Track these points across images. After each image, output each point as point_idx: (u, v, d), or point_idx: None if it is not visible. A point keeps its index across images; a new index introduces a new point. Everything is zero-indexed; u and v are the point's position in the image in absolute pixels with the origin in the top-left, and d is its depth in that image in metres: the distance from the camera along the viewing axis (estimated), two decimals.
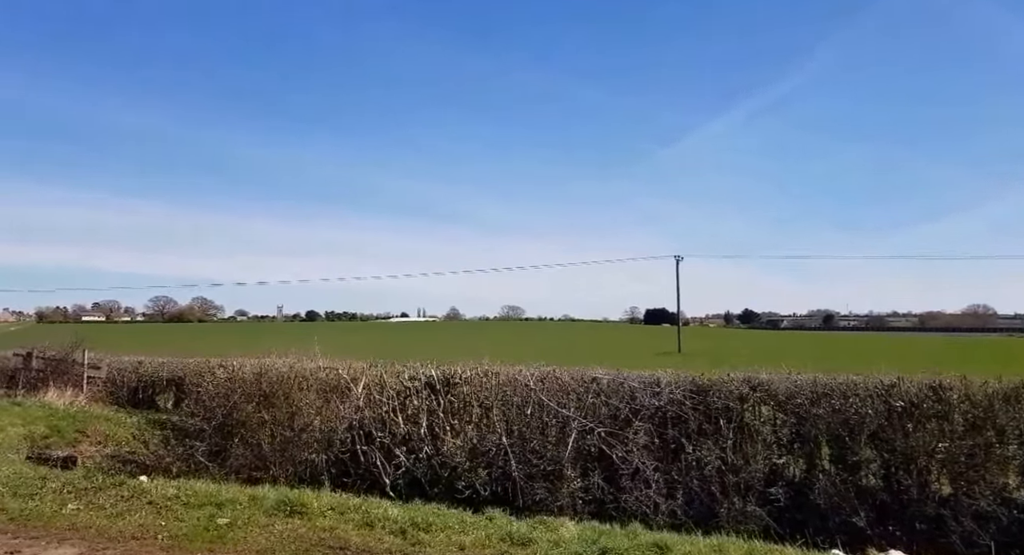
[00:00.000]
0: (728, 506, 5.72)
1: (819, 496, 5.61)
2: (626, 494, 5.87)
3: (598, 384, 6.13)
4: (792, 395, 5.79)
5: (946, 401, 5.43)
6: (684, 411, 5.96)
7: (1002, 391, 5.36)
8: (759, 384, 5.89)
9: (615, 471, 5.97)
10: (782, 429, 5.87)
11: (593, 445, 6.05)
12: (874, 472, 5.61)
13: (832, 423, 5.66)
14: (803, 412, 5.74)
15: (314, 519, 5.83)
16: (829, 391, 5.71)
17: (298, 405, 6.28)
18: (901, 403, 5.53)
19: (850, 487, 5.56)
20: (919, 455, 5.42)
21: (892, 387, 5.60)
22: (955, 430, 5.37)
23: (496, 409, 6.12)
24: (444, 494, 6.05)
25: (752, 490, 5.72)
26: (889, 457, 5.53)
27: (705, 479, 5.81)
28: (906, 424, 5.49)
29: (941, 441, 5.39)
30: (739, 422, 5.86)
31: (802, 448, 5.83)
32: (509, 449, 6.03)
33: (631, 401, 6.05)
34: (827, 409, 5.67)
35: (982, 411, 5.36)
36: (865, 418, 5.57)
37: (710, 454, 5.83)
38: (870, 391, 5.62)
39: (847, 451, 5.64)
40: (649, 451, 5.94)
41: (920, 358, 33.38)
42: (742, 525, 5.66)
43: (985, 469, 5.29)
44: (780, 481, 5.75)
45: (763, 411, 5.91)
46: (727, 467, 5.80)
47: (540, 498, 5.97)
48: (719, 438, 5.86)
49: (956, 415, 5.39)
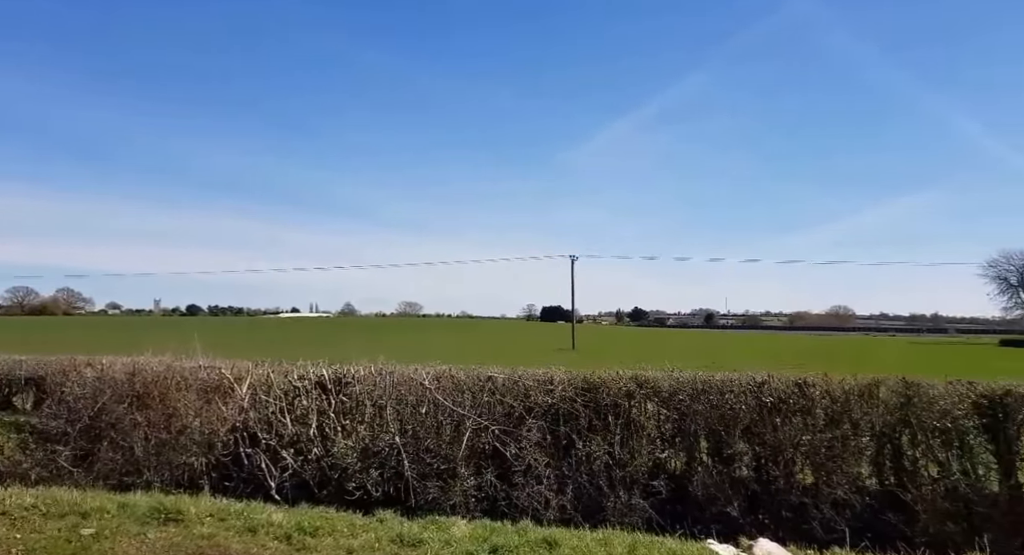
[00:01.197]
0: (615, 500, 6.06)
1: (697, 488, 6.05)
2: (518, 491, 6.08)
3: (493, 382, 6.29)
4: (675, 392, 6.19)
5: (810, 397, 6.00)
6: (575, 408, 6.23)
7: (857, 387, 5.98)
8: (645, 381, 6.25)
9: (508, 468, 6.17)
10: (665, 424, 6.27)
11: (487, 443, 6.21)
12: (746, 464, 6.11)
13: (710, 418, 6.11)
14: (685, 408, 6.16)
15: (191, 526, 5.64)
16: (708, 388, 6.15)
17: (175, 406, 6.02)
18: (771, 399, 6.05)
19: (725, 479, 6.04)
20: (786, 447, 5.96)
21: (763, 384, 6.11)
22: (817, 424, 5.95)
23: (390, 408, 6.15)
24: (334, 496, 6.02)
25: (637, 483, 6.08)
26: (760, 450, 6.05)
27: (594, 474, 6.12)
28: (775, 419, 6.03)
29: (805, 434, 5.95)
30: (626, 418, 6.20)
31: (683, 442, 6.26)
32: (402, 448, 6.09)
33: (525, 399, 6.25)
34: (706, 405, 6.11)
35: (840, 406, 5.97)
36: (739, 413, 6.05)
37: (599, 449, 6.14)
38: (744, 387, 6.10)
39: (723, 444, 6.11)
40: (541, 448, 6.18)
41: (789, 355, 36.48)
42: (627, 518, 6.02)
43: (842, 460, 5.90)
44: (663, 474, 6.14)
45: (649, 407, 6.28)
46: (614, 462, 6.14)
47: (433, 497, 6.08)
48: (608, 434, 6.18)
49: (818, 410, 5.97)
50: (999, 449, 5.68)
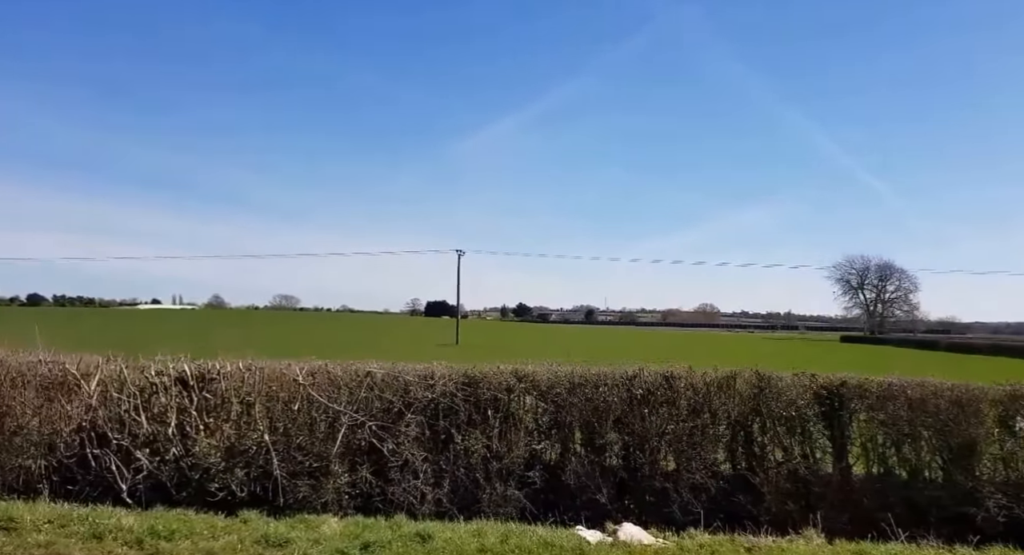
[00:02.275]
0: (490, 491, 6.27)
1: (570, 477, 6.39)
2: (394, 486, 6.14)
3: (372, 378, 6.29)
4: (553, 385, 6.48)
5: (675, 389, 6.50)
6: (456, 403, 6.37)
7: (717, 380, 6.55)
8: (525, 375, 6.50)
9: (385, 464, 6.21)
10: (543, 417, 6.56)
11: (364, 439, 6.21)
12: (616, 453, 6.53)
13: (585, 410, 6.46)
14: (561, 401, 6.47)
15: (26, 534, 5.27)
16: (584, 381, 6.49)
17: (10, 404, 5.54)
18: (641, 391, 6.49)
19: (596, 468, 6.41)
20: (652, 436, 6.42)
21: (634, 377, 6.54)
22: (680, 414, 6.46)
23: (259, 405, 5.99)
24: (194, 498, 5.80)
25: (513, 475, 6.33)
26: (629, 439, 6.47)
27: (471, 467, 6.29)
28: (643, 409, 6.47)
29: (670, 423, 6.44)
30: (506, 411, 6.43)
31: (559, 434, 6.57)
32: (272, 447, 5.96)
33: (405, 394, 6.31)
34: (581, 398, 6.45)
35: (702, 397, 6.51)
36: (611, 405, 6.44)
37: (477, 443, 6.32)
38: (617, 381, 6.51)
39: (596, 435, 6.49)
40: (420, 443, 6.27)
41: (661, 350, 39.25)
42: (502, 509, 6.26)
43: (701, 447, 6.45)
44: (538, 465, 6.42)
45: (527, 401, 6.54)
46: (492, 455, 6.34)
47: (304, 496, 6.01)
48: (487, 427, 6.38)
49: (682, 401, 6.48)
50: (834, 434, 6.45)
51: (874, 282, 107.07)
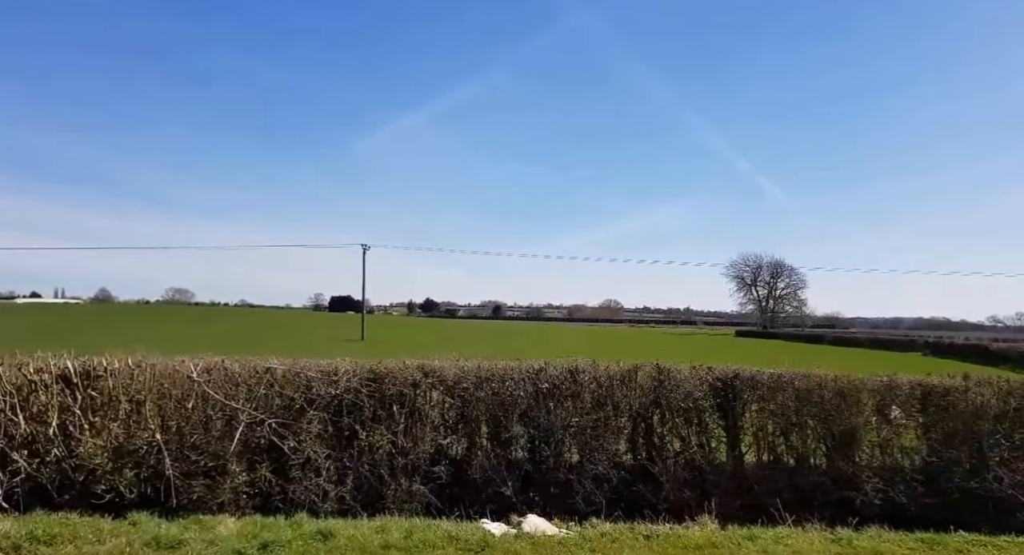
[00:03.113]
0: (396, 487, 6.34)
1: (476, 471, 6.53)
2: (295, 485, 6.13)
3: (272, 374, 6.25)
4: (459, 380, 6.61)
5: (580, 382, 6.73)
6: (360, 399, 6.41)
7: (619, 373, 6.82)
8: (431, 371, 6.60)
9: (286, 462, 6.19)
10: (449, 412, 6.67)
11: (263, 437, 6.17)
12: (522, 446, 6.71)
13: (491, 405, 6.61)
14: (468, 395, 6.60)
15: None
16: (490, 376, 6.65)
17: None
18: (546, 385, 6.69)
19: (502, 461, 6.58)
20: (557, 429, 6.64)
21: (540, 371, 6.74)
22: (585, 407, 6.70)
23: (150, 404, 5.87)
24: (78, 501, 5.64)
25: (418, 470, 6.42)
26: (535, 432, 6.67)
27: (376, 463, 6.35)
28: (549, 403, 6.68)
29: (574, 416, 6.67)
30: (411, 407, 6.51)
31: (465, 428, 6.71)
32: (164, 446, 5.85)
33: (307, 391, 6.30)
34: (488, 392, 6.60)
35: (605, 390, 6.77)
36: (518, 399, 6.62)
37: (382, 439, 6.38)
38: (523, 375, 6.69)
39: (502, 429, 6.66)
40: (322, 440, 6.28)
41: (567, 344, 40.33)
42: (407, 504, 6.34)
43: (604, 439, 6.71)
44: (444, 460, 6.54)
45: (434, 396, 6.64)
46: (397, 450, 6.42)
47: (199, 496, 5.93)
48: (392, 423, 6.44)
49: (586, 394, 6.72)
50: (728, 424, 6.83)
51: (766, 279, 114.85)
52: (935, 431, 6.59)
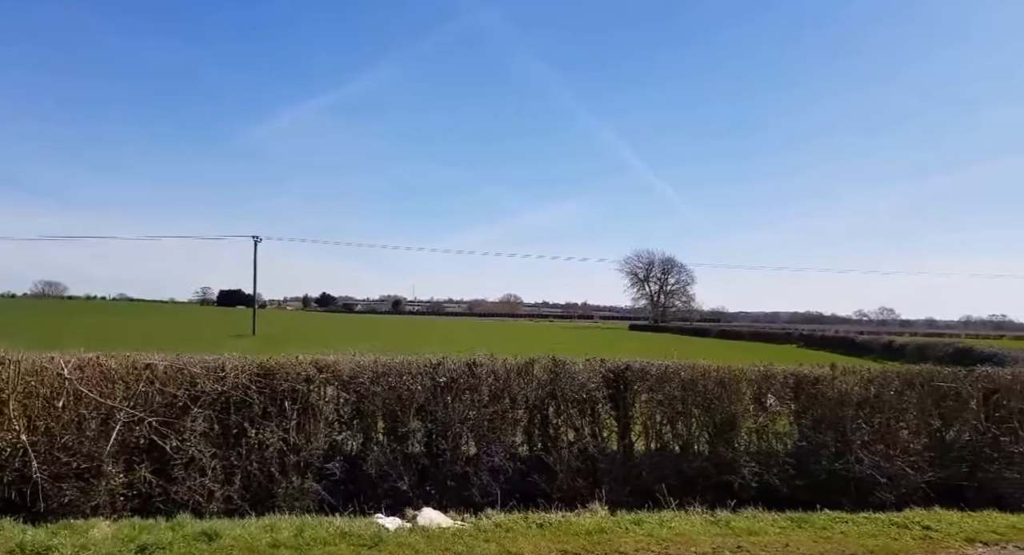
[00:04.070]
0: (287, 485, 6.30)
1: (371, 466, 6.58)
2: (178, 485, 5.99)
3: (153, 371, 6.07)
4: (356, 375, 6.63)
5: (478, 376, 6.90)
6: (249, 395, 6.31)
7: (516, 366, 7.04)
8: (326, 366, 6.59)
9: (167, 462, 6.03)
10: (344, 407, 6.68)
11: (143, 437, 5.98)
12: (419, 440, 6.82)
13: (388, 399, 6.67)
14: (364, 390, 6.63)
15: None
16: (387, 370, 6.70)
17: None
18: (444, 379, 6.82)
19: (398, 456, 6.66)
20: (455, 423, 6.77)
21: (438, 365, 6.86)
22: (482, 400, 6.87)
23: (14, 403, 5.57)
24: None
25: (311, 467, 6.40)
26: (432, 426, 6.78)
27: (265, 461, 6.28)
28: (447, 397, 6.81)
29: (472, 409, 6.83)
30: (304, 403, 6.47)
31: (361, 423, 6.74)
32: (30, 448, 5.58)
33: (191, 387, 6.15)
34: (384, 387, 6.66)
35: (502, 383, 6.97)
36: (415, 393, 6.71)
37: (273, 436, 6.31)
38: (421, 369, 6.79)
39: (399, 423, 6.73)
40: (208, 438, 6.15)
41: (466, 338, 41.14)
42: (299, 502, 6.32)
43: (501, 431, 6.91)
44: (339, 456, 6.55)
45: (328, 391, 6.63)
46: (289, 447, 6.37)
47: (70, 500, 5.70)
48: (283, 420, 6.38)
49: (484, 387, 6.89)
50: (619, 414, 7.18)
51: (658, 275, 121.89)
52: (805, 417, 7.19)
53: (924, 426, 7.18)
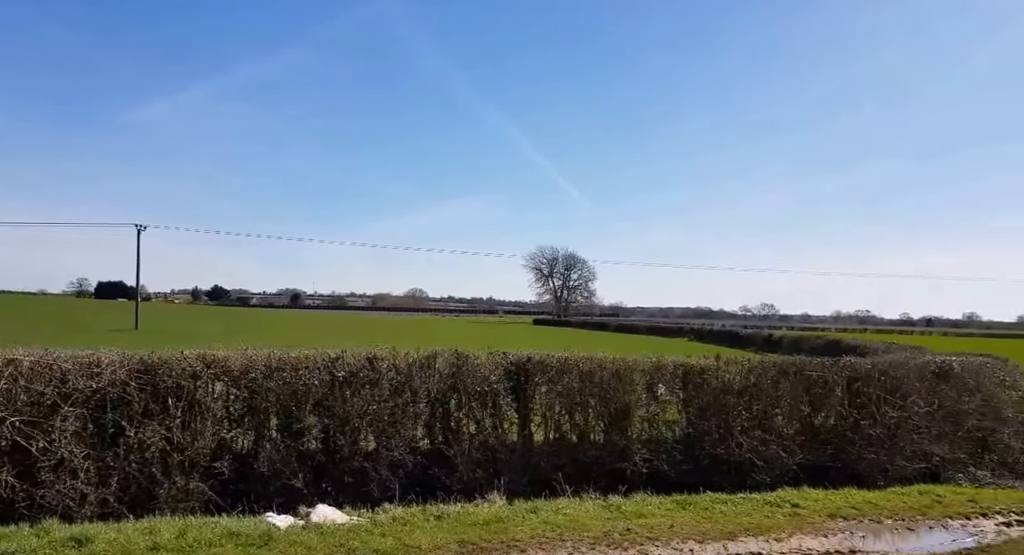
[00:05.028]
0: (169, 486, 6.02)
1: (263, 464, 6.40)
2: (45, 489, 5.58)
3: (17, 367, 5.61)
4: (247, 370, 6.42)
5: (378, 370, 6.86)
6: (129, 392, 5.97)
7: (418, 360, 7.06)
8: (215, 361, 6.33)
9: (34, 464, 5.61)
10: (235, 404, 6.47)
11: (5, 438, 5.53)
12: (315, 436, 6.70)
13: (282, 395, 6.51)
14: (256, 386, 6.44)
15: None
16: (282, 365, 6.54)
17: None
18: (343, 373, 6.74)
19: (292, 453, 6.51)
20: (354, 418, 6.71)
21: (337, 359, 6.77)
22: (383, 394, 6.84)
23: None
24: None
25: (197, 467, 6.15)
26: (329, 422, 6.68)
27: (146, 462, 5.97)
28: (346, 391, 6.73)
29: (372, 404, 6.78)
30: (190, 400, 6.19)
31: (252, 420, 6.54)
32: None
33: (62, 385, 5.74)
34: (279, 382, 6.49)
35: (404, 377, 6.97)
36: (312, 388, 6.59)
37: (155, 435, 6.01)
38: (318, 363, 6.67)
39: (293, 420, 6.58)
40: (80, 438, 5.77)
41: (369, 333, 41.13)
42: (182, 503, 6.05)
43: (401, 425, 6.91)
44: (227, 455, 6.33)
45: (217, 387, 6.39)
46: (173, 447, 6.08)
47: None
48: (166, 418, 6.09)
49: (385, 381, 6.87)
50: (520, 406, 7.37)
51: (561, 271, 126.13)
52: (692, 405, 7.67)
53: (796, 412, 7.85)
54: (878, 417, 7.88)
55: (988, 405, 8.20)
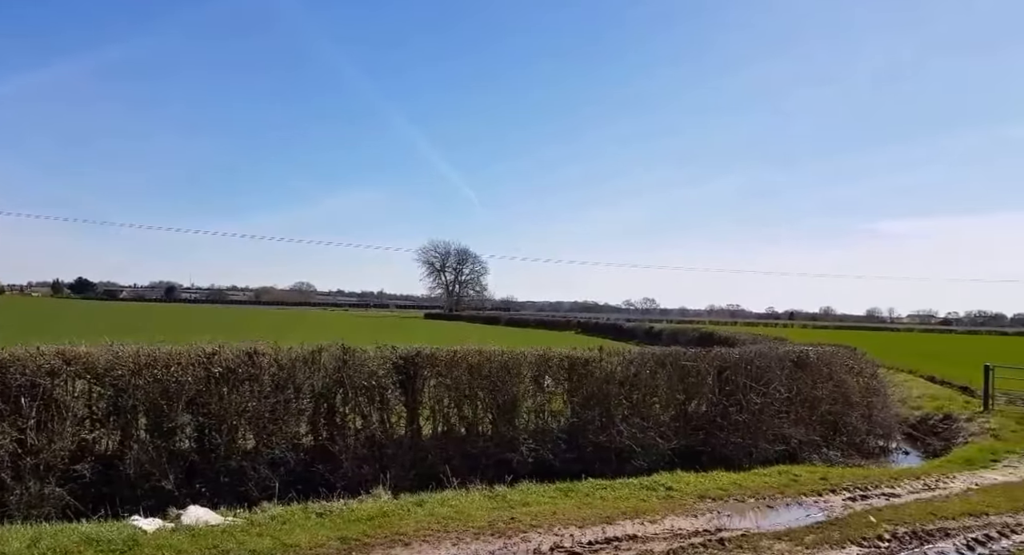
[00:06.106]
0: (21, 492, 5.60)
1: (131, 466, 6.08)
2: None
3: None
4: (112, 367, 6.06)
5: (259, 365, 6.68)
6: None
7: (303, 355, 6.94)
8: (75, 357, 5.94)
9: None
10: (99, 403, 6.10)
11: None
12: (188, 435, 6.44)
13: (152, 392, 6.20)
14: (123, 384, 6.10)
15: None
16: (152, 361, 6.22)
17: None
18: (220, 369, 6.50)
19: (163, 453, 6.22)
20: (231, 415, 6.50)
21: (213, 355, 6.52)
22: (264, 390, 6.67)
23: None
24: None
25: (54, 470, 5.76)
26: (204, 420, 6.44)
27: None
28: (223, 388, 6.50)
29: (252, 401, 6.60)
30: (47, 399, 5.78)
31: (118, 420, 6.20)
32: None
33: None
34: (148, 379, 6.18)
35: (286, 372, 6.82)
36: (185, 385, 6.32)
37: (5, 438, 5.57)
38: (193, 359, 6.40)
39: (164, 419, 6.29)
40: None
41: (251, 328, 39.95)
42: (36, 509, 5.65)
43: (283, 422, 6.77)
44: (89, 457, 5.96)
45: (78, 385, 6.00)
46: (25, 450, 5.66)
47: None
48: (19, 419, 5.66)
49: (265, 377, 6.69)
50: (408, 400, 7.41)
51: (453, 265, 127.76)
52: (577, 396, 8.01)
53: (672, 400, 8.38)
54: (744, 404, 8.54)
55: (839, 391, 9.09)
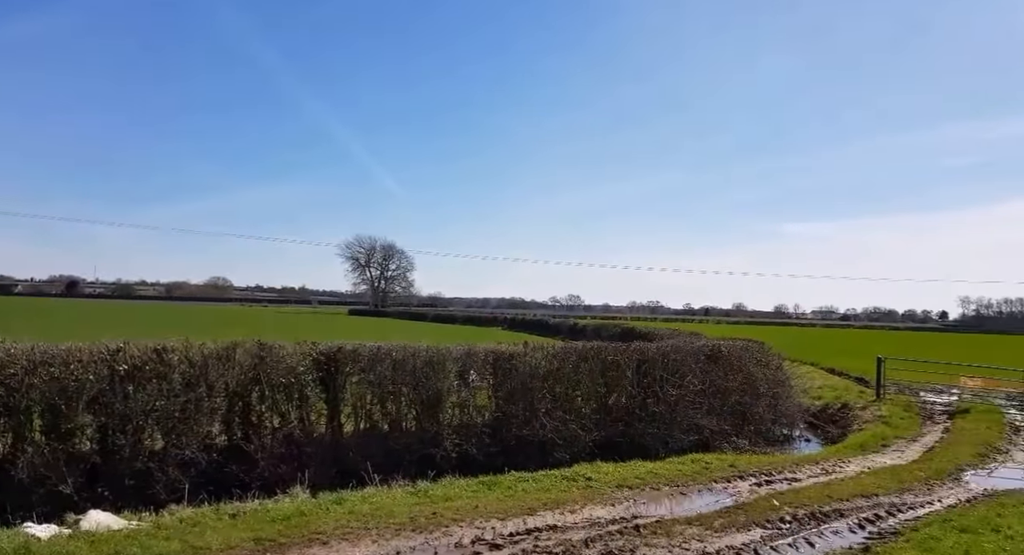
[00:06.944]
0: None
1: (24, 470, 5.68)
2: None
3: None
4: (3, 365, 5.63)
5: (168, 363, 6.37)
6: None
7: (216, 351, 6.67)
8: None
9: None
10: None
11: None
12: (90, 437, 6.08)
13: (49, 392, 5.81)
14: (15, 383, 5.69)
15: None
16: (49, 359, 5.83)
17: None
18: (126, 367, 6.15)
19: (61, 456, 5.84)
20: (137, 415, 6.17)
21: (118, 352, 6.17)
22: (173, 389, 6.36)
23: None
24: None
25: None
26: (107, 420, 6.09)
27: None
28: (128, 387, 6.16)
29: (160, 400, 6.28)
30: None
31: (10, 421, 5.79)
32: None
33: None
34: (44, 378, 5.77)
35: (198, 370, 6.54)
36: (86, 384, 5.94)
37: None
38: (94, 357, 6.03)
39: (63, 419, 5.91)
40: None
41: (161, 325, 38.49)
42: None
43: (195, 421, 6.48)
44: None
45: None
46: None
47: None
48: None
49: (175, 375, 6.39)
50: (329, 397, 7.26)
51: (379, 261, 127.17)
52: (502, 390, 8.09)
53: (594, 393, 8.60)
54: (661, 396, 8.88)
55: (748, 383, 9.59)
